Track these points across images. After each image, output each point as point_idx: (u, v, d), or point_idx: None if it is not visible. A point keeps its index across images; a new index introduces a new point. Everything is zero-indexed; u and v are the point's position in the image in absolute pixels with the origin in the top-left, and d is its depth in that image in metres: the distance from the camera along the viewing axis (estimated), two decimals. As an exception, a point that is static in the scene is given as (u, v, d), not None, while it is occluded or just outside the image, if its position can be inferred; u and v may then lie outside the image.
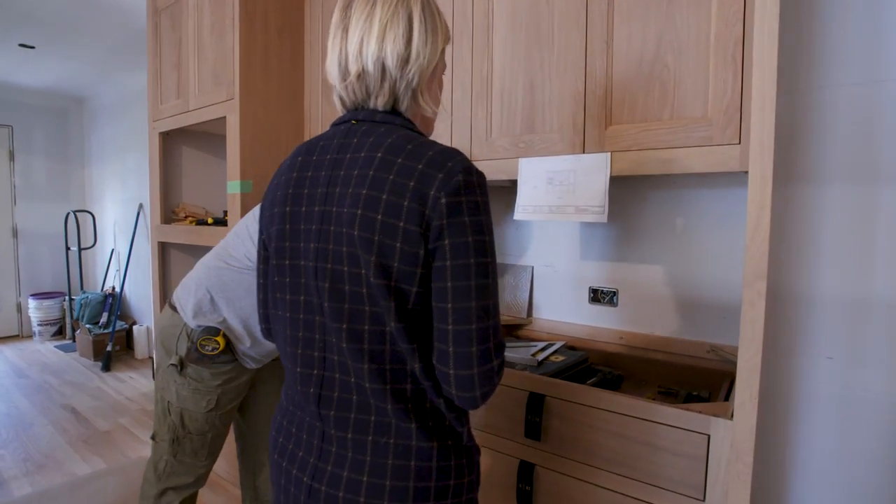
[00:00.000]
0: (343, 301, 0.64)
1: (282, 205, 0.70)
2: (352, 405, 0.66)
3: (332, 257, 0.64)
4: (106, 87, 4.20)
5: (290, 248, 0.69)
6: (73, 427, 2.63)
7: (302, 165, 0.70)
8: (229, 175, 1.80)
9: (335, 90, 0.72)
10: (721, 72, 1.09)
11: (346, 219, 0.63)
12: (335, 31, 0.70)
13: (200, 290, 1.33)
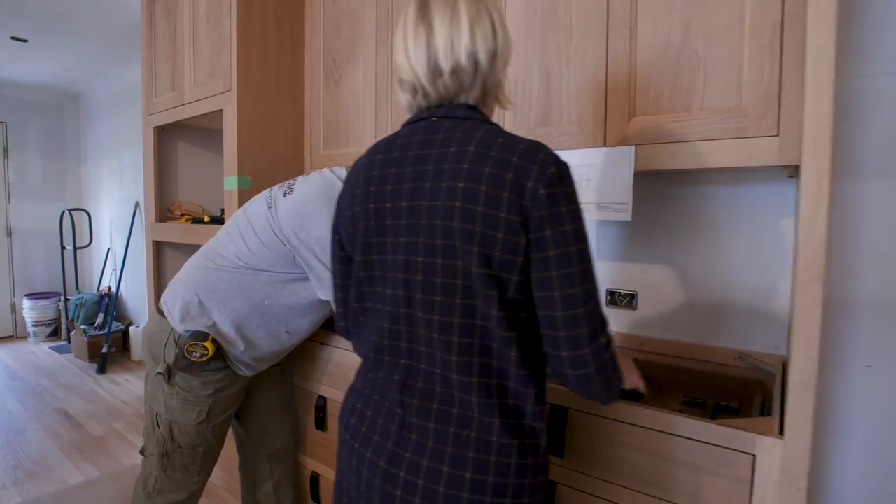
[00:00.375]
0: (434, 293, 0.67)
1: (363, 202, 0.73)
2: (434, 396, 0.68)
3: (424, 250, 0.67)
4: (101, 83, 4.11)
5: (377, 244, 0.72)
6: (66, 432, 2.54)
7: (383, 163, 0.72)
8: (226, 171, 1.71)
9: (414, 87, 0.72)
10: (757, 58, 1.01)
11: (441, 211, 0.65)
12: (415, 27, 0.70)
13: (188, 292, 1.25)
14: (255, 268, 1.23)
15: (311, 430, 1.51)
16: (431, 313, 0.67)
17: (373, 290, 0.75)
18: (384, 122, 1.60)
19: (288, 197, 1.23)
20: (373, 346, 0.75)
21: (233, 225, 1.31)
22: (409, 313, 0.70)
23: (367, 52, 1.65)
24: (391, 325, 0.72)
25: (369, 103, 1.65)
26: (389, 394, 0.72)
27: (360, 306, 0.78)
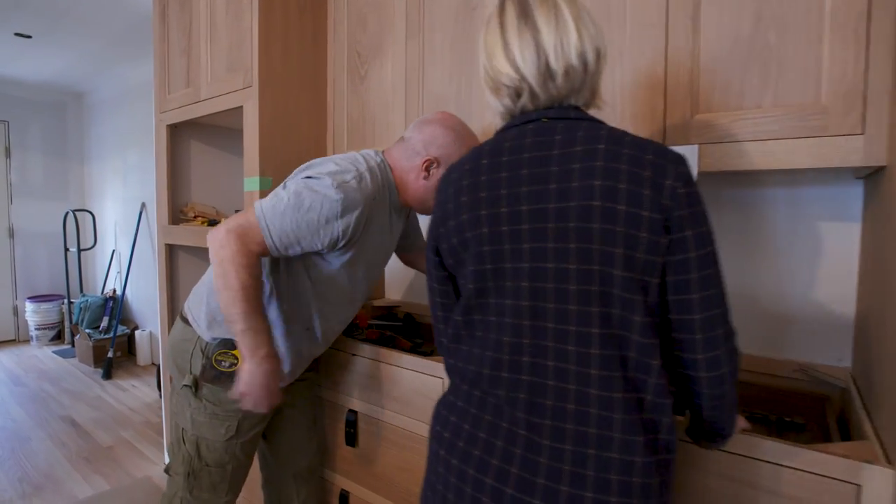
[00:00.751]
0: (567, 301, 0.63)
1: (472, 210, 0.69)
2: (568, 415, 0.63)
3: (555, 255, 0.63)
4: (106, 81, 4.02)
5: (491, 252, 0.67)
6: (73, 441, 2.46)
7: (491, 167, 0.69)
8: (247, 171, 1.63)
9: (517, 91, 0.70)
10: (839, 51, 0.93)
11: (574, 212, 0.62)
12: (518, 29, 0.69)
13: (213, 297, 1.17)
14: (270, 261, 1.15)
15: (339, 446, 1.43)
16: (566, 323, 0.63)
17: (485, 302, 0.69)
18: (413, 120, 1.52)
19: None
20: (488, 361, 0.68)
21: None
22: (534, 325, 0.65)
23: (396, 45, 1.57)
24: (512, 339, 0.66)
25: (398, 100, 1.56)
26: (509, 413, 0.66)
27: (465, 319, 0.72)
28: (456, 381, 0.74)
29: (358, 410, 1.37)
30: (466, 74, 1.41)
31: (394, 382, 1.28)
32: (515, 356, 0.66)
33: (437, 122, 1.17)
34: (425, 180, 1.18)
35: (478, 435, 0.67)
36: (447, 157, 1.16)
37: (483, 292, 0.69)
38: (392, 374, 1.28)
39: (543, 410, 0.64)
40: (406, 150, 1.19)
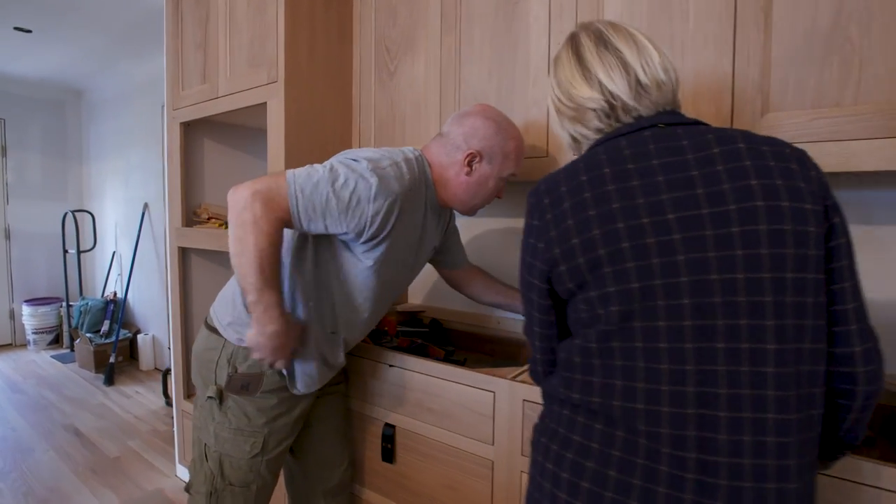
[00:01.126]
0: (738, 317, 0.57)
1: (604, 223, 0.62)
2: (745, 448, 0.56)
3: (718, 265, 0.58)
4: (108, 78, 3.91)
5: (637, 269, 0.60)
6: (79, 452, 2.36)
7: (616, 176, 0.64)
8: (271, 170, 1.55)
9: (607, 112, 0.72)
10: None
11: (737, 216, 0.58)
12: (598, 55, 0.73)
13: (237, 300, 1.10)
14: (298, 256, 1.07)
15: (373, 461, 1.35)
16: (738, 341, 0.57)
17: (629, 327, 0.60)
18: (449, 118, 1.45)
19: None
20: (641, 395, 0.59)
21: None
22: (700, 348, 0.58)
23: (429, 40, 1.49)
24: (671, 366, 0.58)
25: (432, 98, 1.49)
26: (669, 455, 0.58)
27: (602, 347, 0.63)
28: (581, 418, 0.65)
29: (396, 425, 1.30)
30: (508, 70, 1.34)
31: (435, 395, 1.21)
32: (678, 386, 0.58)
33: (476, 114, 1.11)
34: (468, 176, 1.11)
35: (631, 482, 0.59)
36: (490, 149, 1.10)
37: (628, 316, 0.61)
38: (434, 385, 1.21)
39: (717, 447, 0.56)
40: (445, 145, 1.12)
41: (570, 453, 0.64)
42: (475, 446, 1.15)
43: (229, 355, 1.08)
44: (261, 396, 1.09)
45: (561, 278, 0.67)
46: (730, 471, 0.56)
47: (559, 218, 0.66)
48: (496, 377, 1.12)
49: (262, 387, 1.08)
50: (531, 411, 1.06)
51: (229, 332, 1.09)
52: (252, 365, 1.07)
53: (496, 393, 1.11)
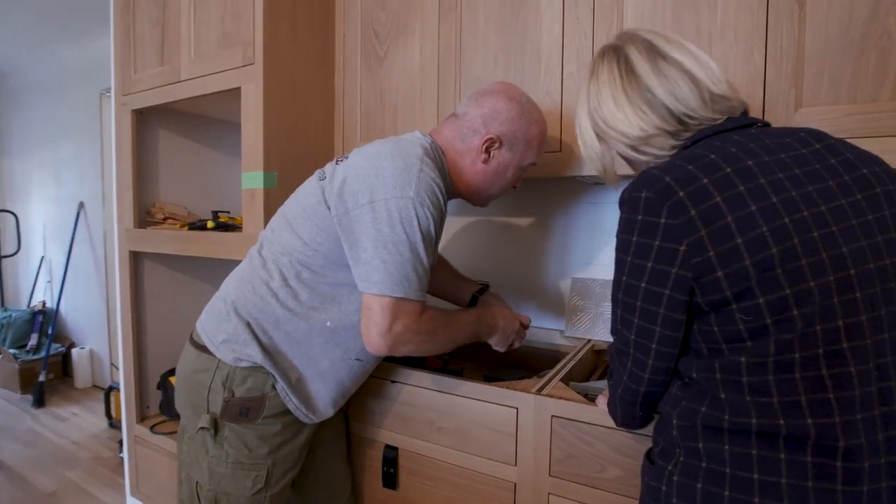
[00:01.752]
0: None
1: (770, 220, 0.57)
2: None
3: (888, 250, 0.57)
4: (35, 61, 3.50)
5: (821, 263, 0.56)
6: (4, 490, 2.05)
7: (762, 169, 0.59)
8: (246, 164, 1.38)
9: (676, 128, 0.68)
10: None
11: (884, 199, 0.59)
12: (654, 70, 0.68)
13: (238, 314, 0.94)
14: (309, 266, 0.93)
15: (373, 488, 1.22)
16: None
17: (812, 332, 0.55)
18: (449, 108, 1.34)
19: (343, 163, 0.95)
20: (837, 405, 0.54)
21: (279, 217, 1.01)
22: (878, 341, 0.56)
23: (425, 24, 1.38)
24: (858, 367, 0.55)
25: (429, 88, 1.37)
26: (869, 468, 0.54)
27: (780, 360, 0.56)
28: (757, 450, 0.57)
29: (398, 447, 1.17)
30: (516, 58, 1.25)
31: (447, 413, 1.09)
32: (866, 387, 0.55)
33: (498, 94, 1.00)
34: (484, 164, 1.00)
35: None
36: (511, 135, 0.99)
37: (810, 320, 0.55)
38: (446, 403, 1.09)
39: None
40: (461, 128, 1.00)
41: (756, 498, 0.55)
42: (495, 468, 1.04)
43: (224, 378, 0.92)
44: (262, 423, 0.93)
45: (715, 286, 0.58)
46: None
47: (711, 215, 0.57)
48: (519, 391, 1.02)
49: (265, 411, 0.93)
50: (561, 428, 0.96)
51: (224, 350, 0.93)
52: (252, 387, 0.92)
53: (519, 409, 1.01)
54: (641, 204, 0.61)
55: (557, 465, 0.97)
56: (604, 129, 0.72)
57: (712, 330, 0.59)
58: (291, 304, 0.93)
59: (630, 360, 0.65)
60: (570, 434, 0.95)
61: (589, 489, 0.94)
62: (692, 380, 0.63)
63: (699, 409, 0.60)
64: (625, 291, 0.64)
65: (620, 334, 0.66)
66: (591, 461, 0.94)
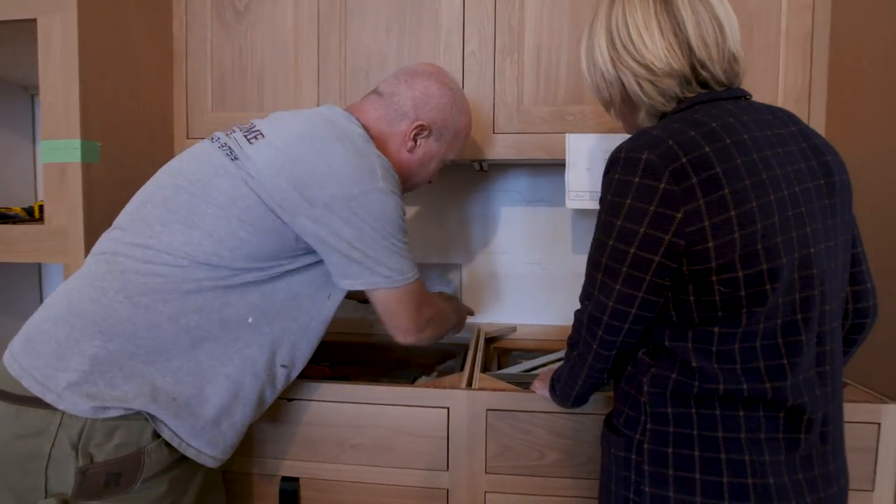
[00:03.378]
0: (838, 285, 0.65)
1: (760, 196, 0.59)
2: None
3: (825, 235, 0.63)
4: None
5: (795, 240, 0.60)
6: None
7: (756, 144, 0.61)
8: (47, 130, 0.99)
9: (686, 76, 0.66)
10: (792, 63, 1.08)
11: (838, 187, 0.65)
12: (692, 6, 0.65)
13: (91, 343, 0.69)
14: (223, 266, 0.74)
15: (265, 533, 0.99)
16: (836, 301, 0.64)
17: (786, 301, 0.61)
18: (333, 79, 1.18)
19: (261, 142, 0.77)
20: (791, 369, 0.61)
21: (155, 205, 0.76)
22: (822, 312, 0.63)
23: (301, -22, 1.18)
24: (808, 335, 0.61)
25: (307, 55, 1.18)
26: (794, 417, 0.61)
27: (764, 328, 0.60)
28: (744, 411, 0.61)
29: (300, 477, 0.97)
30: (412, 29, 1.16)
31: (362, 426, 0.95)
32: (807, 356, 0.62)
33: (431, 76, 0.92)
34: (409, 153, 0.92)
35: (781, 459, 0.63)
36: (441, 124, 0.92)
37: (789, 291, 0.61)
38: (360, 415, 0.95)
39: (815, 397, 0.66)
40: (387, 109, 0.89)
41: (746, 455, 0.58)
42: (423, 477, 0.95)
43: (75, 437, 0.64)
44: (142, 488, 0.67)
45: (704, 256, 0.58)
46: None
47: (710, 185, 0.57)
48: (450, 389, 0.94)
49: (143, 472, 0.66)
50: (497, 421, 0.92)
51: (72, 398, 0.64)
52: (123, 443, 0.65)
53: (451, 408, 0.93)
54: (641, 165, 0.59)
55: (494, 461, 0.92)
56: (622, 54, 0.67)
57: (688, 300, 0.61)
58: (191, 312, 0.71)
59: (602, 327, 0.63)
60: (507, 426, 0.92)
61: (528, 478, 0.92)
62: (663, 347, 0.64)
63: (669, 376, 0.62)
64: (610, 256, 0.62)
65: (596, 300, 0.63)
66: (529, 450, 0.91)
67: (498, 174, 1.41)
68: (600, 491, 0.71)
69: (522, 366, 1.16)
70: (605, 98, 0.74)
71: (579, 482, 0.90)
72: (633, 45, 0.66)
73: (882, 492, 0.87)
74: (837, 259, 0.63)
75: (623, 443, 0.66)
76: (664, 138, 0.59)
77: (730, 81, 0.67)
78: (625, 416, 0.67)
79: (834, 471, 0.62)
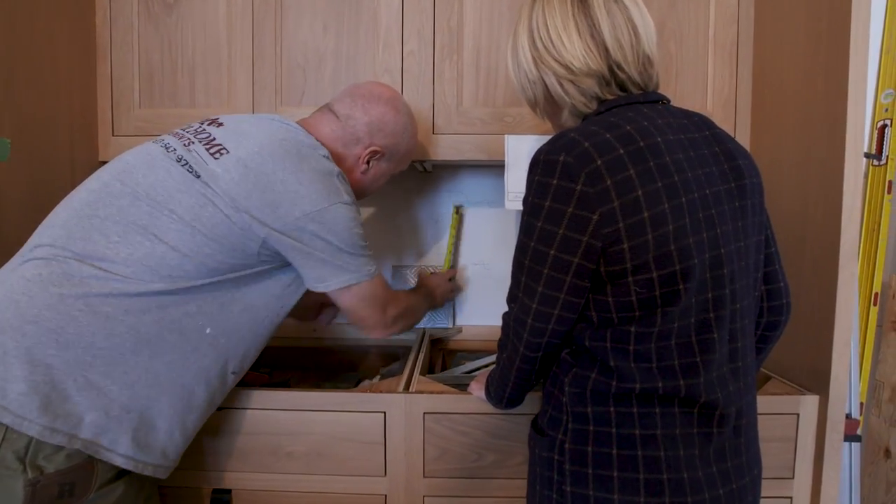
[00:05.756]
0: (749, 283, 0.67)
1: (671, 198, 0.60)
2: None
3: (747, 233, 0.66)
4: None
5: (704, 242, 0.62)
6: None
7: (669, 147, 0.62)
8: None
9: (605, 77, 0.66)
10: (719, 68, 1.12)
11: (749, 190, 0.66)
12: (605, 6, 0.66)
13: (39, 348, 0.67)
14: (185, 278, 0.75)
15: (194, 549, 0.95)
16: (748, 298, 0.67)
17: (696, 301, 0.62)
18: (268, 76, 1.14)
19: (226, 158, 0.78)
20: (703, 366, 0.62)
21: (109, 214, 0.74)
22: (733, 313, 0.64)
23: (234, -29, 1.14)
24: (719, 334, 0.63)
25: (241, 50, 1.15)
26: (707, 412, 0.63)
27: (677, 327, 0.62)
28: (660, 409, 0.62)
29: (232, 488, 0.94)
30: (350, 27, 1.14)
31: (297, 434, 0.93)
32: (720, 354, 0.64)
33: (387, 103, 0.94)
34: (363, 175, 0.95)
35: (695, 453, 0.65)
36: (394, 148, 0.96)
37: (700, 291, 0.62)
38: (295, 422, 0.93)
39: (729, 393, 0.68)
40: (343, 131, 0.91)
41: (662, 451, 0.60)
42: (360, 484, 0.93)
43: (21, 452, 0.62)
44: (97, 496, 0.69)
45: (619, 257, 0.58)
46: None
47: (624, 187, 0.57)
48: (387, 393, 0.92)
49: (98, 478, 0.68)
50: (435, 424, 0.91)
51: (25, 406, 0.63)
52: (74, 453, 0.65)
53: (387, 412, 0.92)
54: (559, 168, 0.60)
55: (432, 465, 0.92)
56: (543, 53, 0.68)
57: (607, 300, 0.62)
58: (151, 323, 0.72)
59: (527, 329, 0.64)
60: (445, 429, 0.91)
61: (466, 481, 0.92)
62: (584, 347, 0.65)
63: (589, 376, 0.63)
64: (532, 258, 0.62)
65: (521, 303, 0.64)
66: (467, 452, 0.91)
67: (442, 175, 1.40)
68: (528, 491, 0.71)
69: (464, 367, 1.16)
70: (530, 98, 0.75)
71: (515, 482, 0.90)
72: (552, 45, 0.66)
73: (801, 478, 0.92)
74: (748, 259, 0.65)
75: (546, 443, 0.67)
76: (580, 140, 0.60)
77: (645, 84, 0.68)
78: (549, 417, 0.68)
79: (746, 462, 0.65)
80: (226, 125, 0.84)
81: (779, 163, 1.03)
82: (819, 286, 0.90)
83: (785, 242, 0.92)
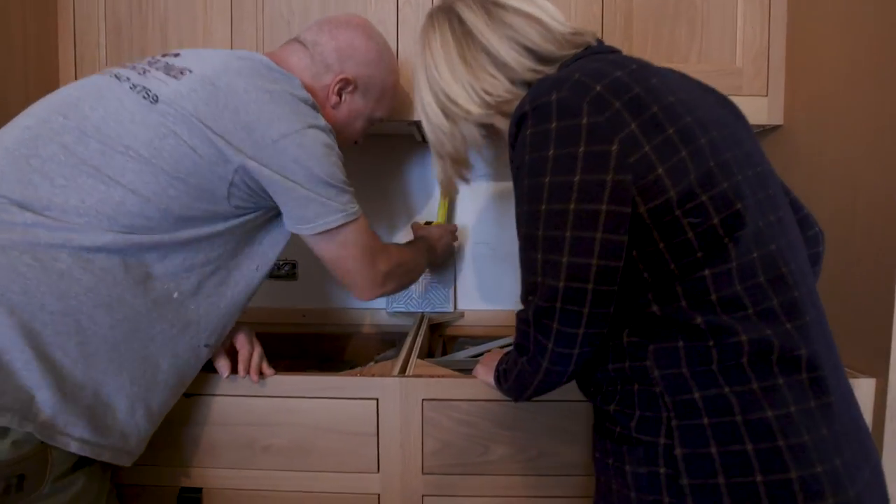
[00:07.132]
0: (785, 218, 0.58)
1: (692, 137, 0.50)
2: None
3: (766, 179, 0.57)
4: None
5: (736, 159, 0.53)
6: None
7: (650, 70, 0.55)
8: None
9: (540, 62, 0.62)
10: (750, 19, 1.01)
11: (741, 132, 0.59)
12: (488, 22, 0.62)
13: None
14: (149, 229, 0.64)
15: (159, 556, 0.83)
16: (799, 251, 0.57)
17: (746, 233, 0.51)
18: (249, 28, 1.03)
19: (189, 77, 0.67)
20: (782, 309, 0.50)
21: (50, 153, 0.63)
22: (784, 243, 0.54)
23: (210, -89, 1.03)
24: (790, 266, 0.52)
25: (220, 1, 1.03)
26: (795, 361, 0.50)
27: (744, 262, 0.50)
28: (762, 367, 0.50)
29: (202, 487, 0.82)
30: (341, -25, 1.02)
31: (276, 425, 0.81)
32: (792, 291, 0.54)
33: (356, 28, 0.84)
34: (333, 108, 0.84)
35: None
36: (367, 80, 0.85)
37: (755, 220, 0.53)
38: (274, 411, 0.81)
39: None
40: (312, 59, 0.81)
41: (806, 435, 0.46)
42: (349, 482, 0.81)
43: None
44: (53, 490, 0.59)
45: (659, 187, 0.48)
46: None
47: (636, 105, 0.49)
48: (380, 377, 0.81)
49: (52, 469, 0.57)
50: (434, 412, 0.80)
51: None
52: (22, 438, 0.54)
53: (380, 399, 0.80)
54: (554, 107, 0.50)
55: (431, 459, 0.80)
56: (446, 104, 0.65)
57: (657, 249, 0.50)
58: (111, 284, 0.62)
59: (557, 318, 0.49)
60: (446, 418, 0.79)
61: (471, 477, 0.80)
62: (652, 319, 0.51)
63: (676, 346, 0.49)
64: (547, 224, 0.49)
65: (542, 288, 0.49)
66: (472, 445, 0.79)
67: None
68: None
69: (468, 352, 1.04)
70: (451, 151, 0.71)
71: (530, 480, 0.78)
72: (449, 95, 0.64)
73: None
74: (776, 186, 0.59)
75: (641, 454, 0.50)
76: (567, 76, 0.52)
77: (587, 44, 0.63)
78: (637, 418, 0.51)
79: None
80: (183, 55, 0.73)
81: (821, 125, 0.92)
82: (875, 260, 0.78)
83: (831, 216, 0.82)
